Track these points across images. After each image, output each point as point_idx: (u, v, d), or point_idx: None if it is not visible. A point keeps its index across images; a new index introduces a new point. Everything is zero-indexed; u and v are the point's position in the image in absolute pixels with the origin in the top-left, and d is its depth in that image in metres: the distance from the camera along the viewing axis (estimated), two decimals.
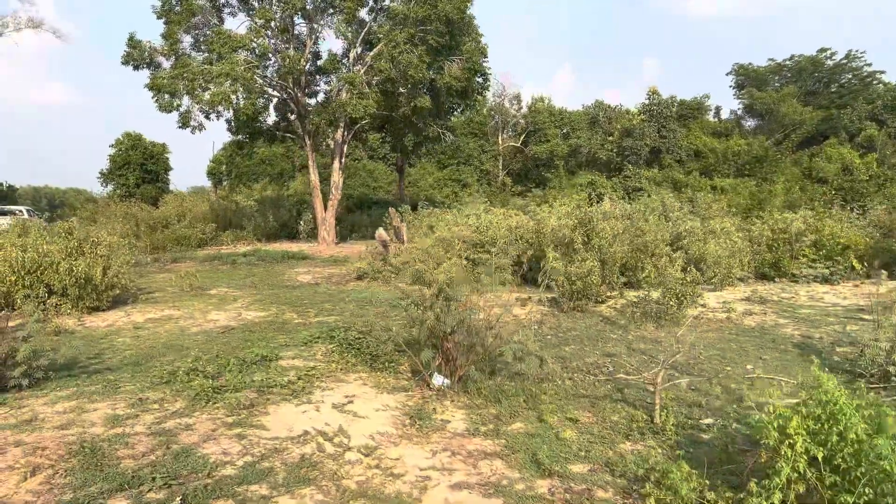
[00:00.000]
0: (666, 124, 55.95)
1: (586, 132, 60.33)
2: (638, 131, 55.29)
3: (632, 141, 55.22)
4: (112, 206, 38.60)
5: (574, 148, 58.79)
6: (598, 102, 62.43)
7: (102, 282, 15.06)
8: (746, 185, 41.52)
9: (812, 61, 60.62)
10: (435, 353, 8.21)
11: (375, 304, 15.13)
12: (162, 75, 29.39)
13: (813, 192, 35.25)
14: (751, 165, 51.92)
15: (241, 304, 15.81)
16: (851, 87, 59.97)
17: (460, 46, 30.95)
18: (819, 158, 41.53)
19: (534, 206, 27.75)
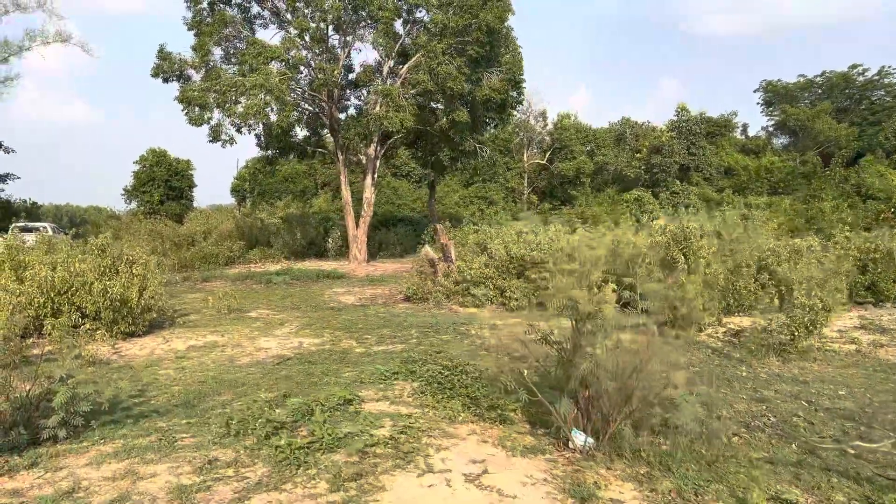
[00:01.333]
0: (695, 141, 54.28)
1: (612, 149, 58.69)
2: (667, 148, 53.64)
3: (661, 158, 53.60)
4: (136, 223, 37.16)
5: (600, 165, 57.15)
6: (624, 119, 60.95)
7: (139, 304, 13.44)
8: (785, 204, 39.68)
9: (843, 77, 58.92)
10: (572, 403, 6.47)
11: (440, 331, 13.40)
12: (192, 87, 28.00)
13: (864, 210, 33.40)
14: (785, 183, 50.09)
15: (289, 330, 14.12)
16: (884, 104, 58.14)
17: (499, 58, 29.43)
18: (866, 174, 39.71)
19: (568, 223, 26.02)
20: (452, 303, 17.77)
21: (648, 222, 27.82)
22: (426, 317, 15.43)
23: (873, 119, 57.09)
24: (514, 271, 17.54)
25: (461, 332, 12.97)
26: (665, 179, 53.33)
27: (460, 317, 15.60)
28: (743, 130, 62.88)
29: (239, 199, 55.39)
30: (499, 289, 17.27)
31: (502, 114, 32.08)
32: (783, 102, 61.46)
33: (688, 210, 30.26)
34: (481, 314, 16.10)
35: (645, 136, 58.68)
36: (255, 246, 34.96)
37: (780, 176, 50.61)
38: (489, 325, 13.91)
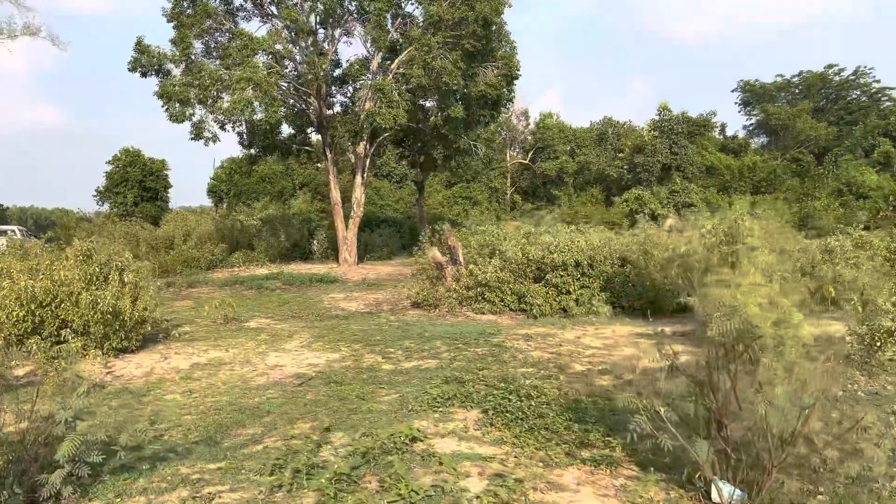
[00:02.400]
0: (677, 140, 53.65)
1: (594, 149, 57.85)
2: (650, 147, 52.91)
3: (644, 157, 52.86)
4: (110, 225, 35.15)
5: (582, 165, 56.26)
6: (606, 119, 60.14)
7: (132, 317, 11.89)
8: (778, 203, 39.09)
9: (820, 77, 58.84)
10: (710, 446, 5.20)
11: (469, 343, 12.07)
12: (172, 82, 26.30)
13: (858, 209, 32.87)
14: (768, 182, 49.70)
15: (299, 343, 12.68)
16: (860, 104, 58.19)
17: (493, 52, 28.17)
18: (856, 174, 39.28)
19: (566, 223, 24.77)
20: (466, 309, 16.46)
21: (651, 223, 26.75)
22: (445, 326, 14.09)
23: (850, 119, 57.09)
24: (531, 275, 16.28)
25: (495, 345, 11.65)
26: (649, 179, 52.62)
27: (481, 325, 14.29)
28: (721, 130, 62.49)
29: (216, 200, 53.35)
30: (516, 294, 16.00)
31: (496, 110, 30.84)
32: (761, 102, 61.26)
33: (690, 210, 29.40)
34: (501, 321, 14.81)
35: (627, 136, 57.92)
36: (237, 249, 33.25)
37: (763, 175, 50.19)
38: (523, 335, 12.62)
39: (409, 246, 39.46)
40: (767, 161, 51.16)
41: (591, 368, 9.82)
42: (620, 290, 15.36)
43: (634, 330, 13.14)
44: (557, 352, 11.02)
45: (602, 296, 15.15)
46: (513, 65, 28.36)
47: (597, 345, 11.65)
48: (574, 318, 14.61)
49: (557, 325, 13.94)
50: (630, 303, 15.06)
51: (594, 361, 10.36)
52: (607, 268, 15.69)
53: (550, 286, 15.55)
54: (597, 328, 13.42)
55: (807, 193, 38.25)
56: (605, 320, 14.40)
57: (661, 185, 52.27)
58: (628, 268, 15.61)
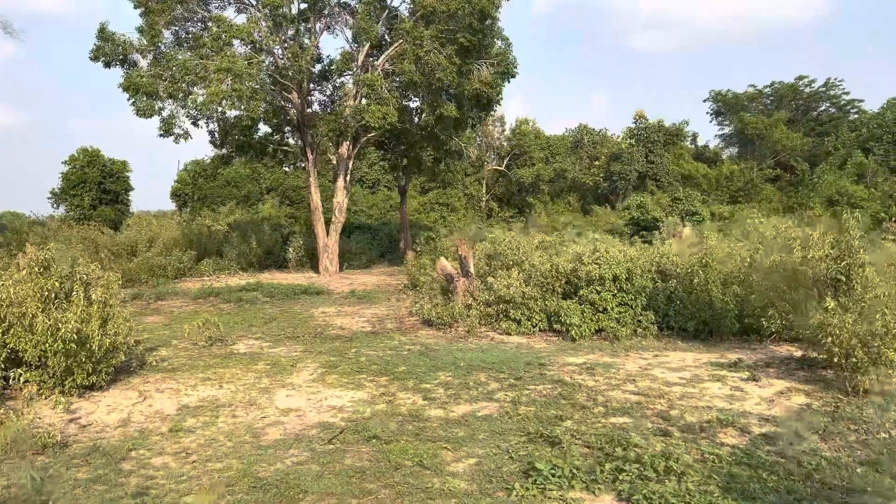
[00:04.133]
0: (653, 149, 52.33)
1: (570, 157, 56.22)
2: (626, 156, 51.44)
3: (620, 166, 51.33)
4: (66, 229, 31.94)
5: (558, 173, 54.53)
6: (581, 126, 58.56)
7: (101, 345, 9.36)
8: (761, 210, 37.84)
9: (791, 88, 58.25)
10: None
11: (522, 377, 9.84)
12: (140, 73, 23.53)
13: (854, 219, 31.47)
14: (745, 192, 48.69)
15: (309, 375, 10.29)
16: (830, 115, 57.78)
17: (489, 48, 26.04)
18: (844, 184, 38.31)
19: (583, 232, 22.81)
20: (488, 329, 14.23)
21: (664, 234, 24.91)
22: (475, 351, 11.83)
23: (821, 130, 56.59)
24: (559, 290, 14.13)
25: (555, 380, 9.42)
26: (625, 188, 51.18)
27: (515, 350, 12.07)
28: (693, 139, 61.54)
29: (180, 204, 50.04)
30: (545, 312, 13.82)
31: (488, 111, 28.69)
32: (733, 112, 60.45)
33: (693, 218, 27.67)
34: (536, 345, 12.61)
35: (602, 144, 56.43)
36: (205, 256, 30.42)
37: (740, 184, 49.14)
38: (578, 366, 10.42)
39: (388, 254, 37.18)
40: (744, 170, 50.10)
41: (704, 419, 7.66)
42: (665, 308, 13.30)
43: (700, 357, 11.06)
44: (638, 390, 8.85)
45: (647, 315, 13.06)
46: (509, 62, 26.25)
47: (673, 379, 9.52)
48: (618, 342, 12.49)
49: (606, 350, 11.80)
50: (680, 323, 13.00)
51: (692, 405, 8.22)
52: (647, 282, 13.62)
53: (585, 303, 13.41)
54: (656, 355, 11.32)
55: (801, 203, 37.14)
56: (657, 344, 12.32)
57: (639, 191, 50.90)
58: (672, 282, 13.55)
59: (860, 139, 51.86)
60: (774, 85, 59.40)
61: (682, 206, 30.51)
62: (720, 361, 10.59)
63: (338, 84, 29.60)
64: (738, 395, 8.57)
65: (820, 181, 39.50)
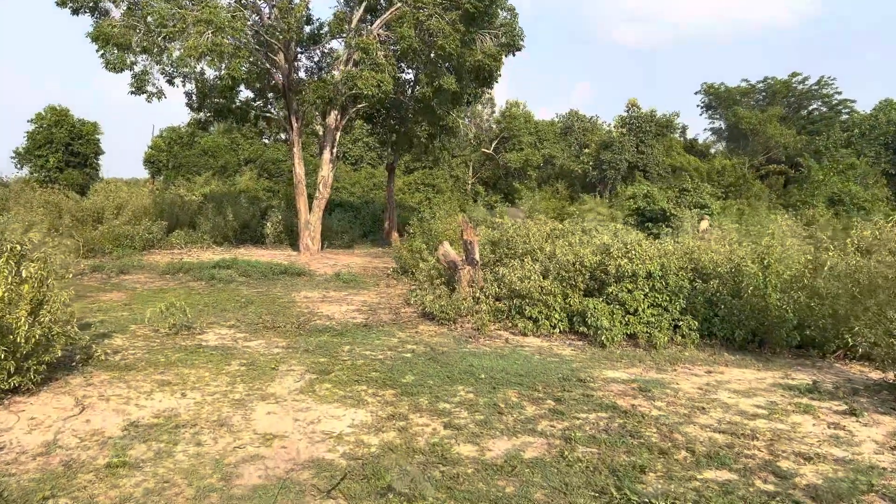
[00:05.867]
0: (644, 139, 50.59)
1: (559, 143, 54.27)
2: (617, 145, 49.63)
3: (610, 155, 49.50)
4: (28, 192, 29.22)
5: (546, 159, 52.58)
6: (572, 112, 56.59)
7: (30, 336, 7.19)
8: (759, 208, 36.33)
9: (785, 85, 56.75)
10: None
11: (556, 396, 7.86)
12: (111, 23, 20.99)
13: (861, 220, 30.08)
14: (736, 187, 47.20)
15: (294, 380, 8.20)
16: (822, 114, 56.45)
17: (493, 18, 23.81)
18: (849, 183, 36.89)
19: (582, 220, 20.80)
20: (499, 327, 12.23)
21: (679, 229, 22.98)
22: (492, 356, 9.80)
23: (812, 129, 55.23)
24: (582, 286, 12.16)
25: (607, 406, 7.42)
26: (615, 177, 49.47)
27: (536, 356, 10.08)
28: (682, 132, 59.94)
29: (153, 172, 47.10)
30: (566, 310, 11.85)
31: (488, 85, 26.46)
32: (724, 106, 58.89)
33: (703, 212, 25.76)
34: (560, 350, 10.64)
35: (593, 132, 54.54)
36: (177, 227, 28.03)
37: (732, 179, 47.64)
38: (625, 383, 8.44)
39: (370, 234, 34.97)
40: (735, 166, 48.56)
41: (828, 477, 5.74)
42: (706, 312, 11.40)
43: (762, 377, 9.17)
44: (718, 425, 6.90)
45: (687, 320, 11.14)
46: (515, 33, 24.03)
47: (748, 408, 7.61)
48: (655, 351, 10.57)
49: (647, 362, 9.86)
50: (724, 332, 11.11)
51: (795, 451, 6.31)
52: (684, 282, 11.70)
53: (614, 303, 11.46)
54: (709, 371, 9.41)
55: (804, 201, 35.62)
56: (701, 356, 10.42)
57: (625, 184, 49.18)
58: (713, 283, 11.65)
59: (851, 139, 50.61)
60: (767, 80, 57.80)
61: (691, 198, 28.72)
62: (790, 384, 8.70)
63: (327, 50, 27.25)
64: (843, 437, 6.67)
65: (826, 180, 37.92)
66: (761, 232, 19.71)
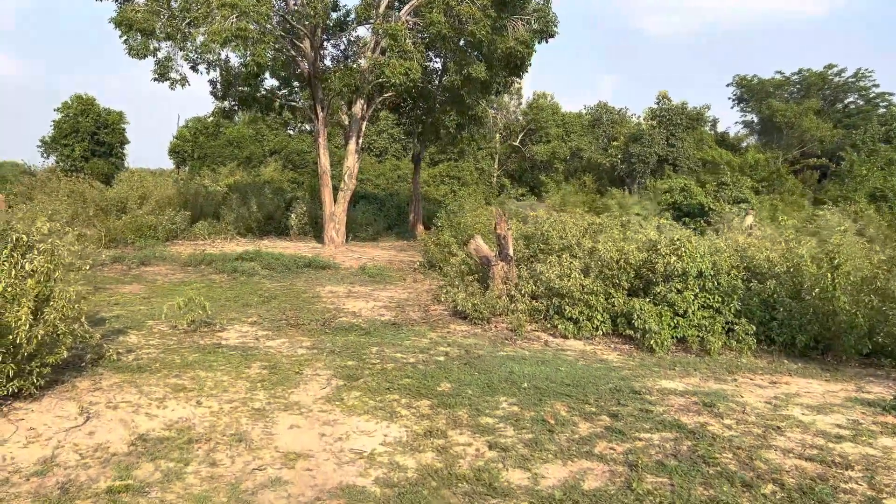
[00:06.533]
0: (675, 132, 49.26)
1: (587, 135, 53.06)
2: (647, 137, 48.35)
3: (640, 148, 48.24)
4: (54, 181, 28.87)
5: (573, 151, 51.45)
6: (601, 104, 55.31)
7: (32, 336, 6.52)
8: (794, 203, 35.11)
9: (820, 77, 54.92)
10: None
11: (610, 410, 7.02)
12: (135, 8, 20.40)
13: None
14: (769, 181, 45.72)
15: (321, 389, 7.45)
16: (858, 108, 54.59)
17: (525, 3, 22.84)
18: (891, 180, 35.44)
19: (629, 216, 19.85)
20: (536, 328, 11.41)
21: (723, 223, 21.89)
22: (529, 360, 8.99)
23: (848, 122, 53.43)
24: (626, 285, 11.27)
25: (671, 424, 6.57)
26: (644, 171, 48.27)
27: (579, 360, 9.25)
28: (713, 125, 58.38)
29: (178, 162, 46.80)
30: (609, 311, 10.98)
31: (518, 73, 25.47)
32: (757, 99, 57.17)
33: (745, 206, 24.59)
34: (603, 354, 9.80)
35: (622, 124, 53.24)
36: (201, 217, 27.51)
37: (765, 174, 46.17)
38: (683, 394, 7.57)
39: (395, 226, 34.24)
40: (769, 160, 47.05)
41: None
42: (762, 315, 10.47)
43: (832, 389, 8.25)
44: (801, 449, 6.02)
45: (743, 324, 10.22)
46: (549, 19, 23.05)
47: (828, 427, 6.71)
48: (709, 357, 9.69)
49: (702, 370, 8.99)
50: (784, 337, 10.18)
51: None
52: (737, 282, 10.78)
53: (662, 303, 10.57)
54: (773, 382, 8.51)
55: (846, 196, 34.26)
56: (760, 363, 9.53)
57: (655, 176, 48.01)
58: (770, 283, 10.72)
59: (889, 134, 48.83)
60: (802, 72, 56.01)
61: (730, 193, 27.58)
62: (866, 398, 7.78)
63: (353, 38, 26.51)
64: None
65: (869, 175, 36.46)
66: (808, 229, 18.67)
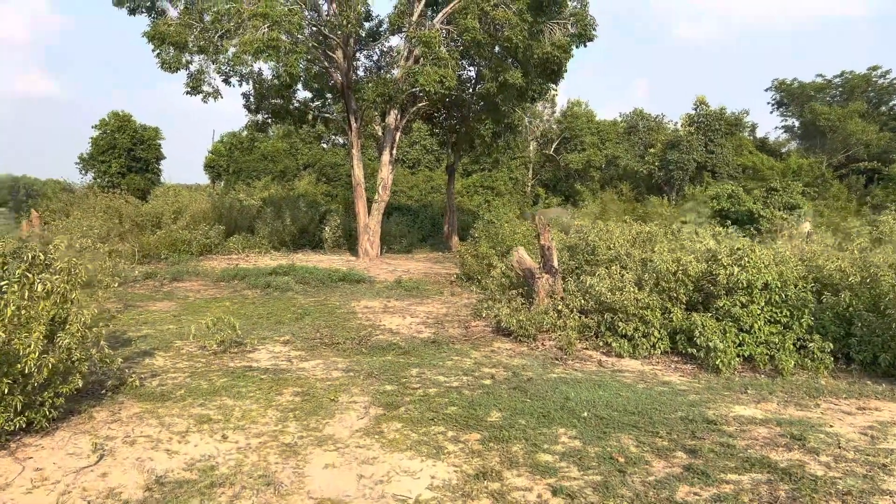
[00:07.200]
0: (713, 138, 47.91)
1: (623, 143, 51.88)
2: (685, 144, 47.06)
3: (678, 154, 46.96)
4: (91, 197, 28.85)
5: (608, 159, 50.32)
6: (637, 111, 54.10)
7: (43, 364, 5.90)
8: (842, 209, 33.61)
9: (864, 79, 53.00)
10: None
11: (690, 447, 6.15)
12: (167, 22, 20.15)
13: None
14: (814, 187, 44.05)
15: (358, 419, 6.72)
16: None
17: (561, 7, 22.06)
18: None
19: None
20: (586, 346, 10.54)
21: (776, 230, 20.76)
22: (584, 383, 8.15)
23: (894, 125, 51.41)
24: (685, 297, 10.36)
25: (759, 461, 5.68)
26: (682, 178, 46.97)
27: (651, 387, 8.36)
28: (752, 130, 56.71)
29: (213, 177, 46.86)
30: (666, 327, 10.08)
31: (555, 80, 24.63)
32: (797, 103, 55.41)
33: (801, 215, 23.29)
34: (665, 376, 8.91)
35: (658, 131, 51.96)
36: (235, 232, 27.18)
37: (809, 179, 44.52)
38: (765, 423, 6.65)
39: (429, 238, 33.56)
40: (813, 165, 45.40)
41: None
42: (838, 331, 9.49)
43: None
44: None
45: (817, 341, 9.24)
46: (587, 22, 22.21)
47: None
48: (782, 378, 8.74)
49: (777, 393, 8.05)
50: (864, 355, 9.18)
51: None
52: (808, 294, 9.80)
53: (726, 318, 9.64)
54: (861, 409, 7.54)
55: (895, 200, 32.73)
56: (840, 386, 8.55)
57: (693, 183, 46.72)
58: (844, 296, 9.73)
59: None
60: (844, 75, 54.12)
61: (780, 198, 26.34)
62: None
63: (386, 48, 26.02)
64: None
65: None
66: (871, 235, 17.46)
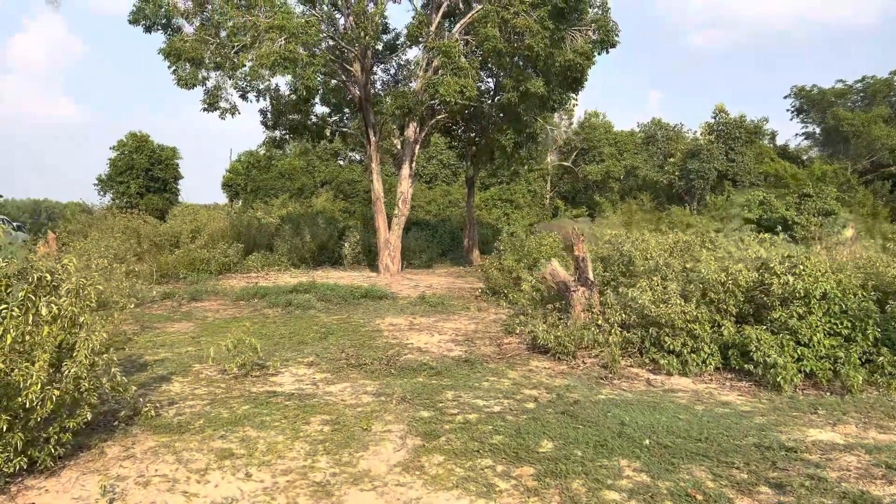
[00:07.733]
0: (734, 146, 47.04)
1: (642, 153, 51.10)
2: (705, 153, 46.23)
3: (698, 163, 46.13)
4: (110, 217, 28.52)
5: (628, 170, 49.56)
6: (655, 121, 53.33)
7: (47, 398, 5.28)
8: None
9: (886, 84, 51.88)
10: None
11: (757, 473, 5.41)
12: (183, 38, 19.78)
13: None
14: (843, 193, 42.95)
15: (395, 451, 6.04)
16: None
17: (583, 13, 21.46)
18: None
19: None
20: (631, 363, 9.80)
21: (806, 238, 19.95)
22: (636, 406, 7.42)
23: None
24: (734, 309, 9.61)
25: (856, 497, 4.95)
26: (703, 187, 46.08)
27: (710, 409, 7.62)
28: (771, 138, 55.66)
29: (231, 195, 46.66)
30: (716, 342, 9.32)
31: (576, 88, 23.97)
32: (817, 109, 54.36)
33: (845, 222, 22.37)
34: (722, 395, 8.15)
35: (677, 140, 51.13)
36: (254, 250, 26.70)
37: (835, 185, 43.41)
38: (856, 452, 5.90)
39: (449, 252, 32.94)
40: (837, 171, 44.32)
41: None
42: None
43: None
44: None
45: (888, 354, 8.46)
46: (609, 28, 21.56)
47: None
48: (850, 396, 7.96)
49: (851, 413, 7.29)
50: None
51: None
52: (870, 304, 9.02)
53: (781, 331, 8.87)
54: None
55: None
56: None
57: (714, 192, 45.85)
58: None
59: None
60: (866, 80, 53.06)
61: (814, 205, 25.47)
62: None
63: (404, 61, 25.57)
64: None
65: None
66: None
